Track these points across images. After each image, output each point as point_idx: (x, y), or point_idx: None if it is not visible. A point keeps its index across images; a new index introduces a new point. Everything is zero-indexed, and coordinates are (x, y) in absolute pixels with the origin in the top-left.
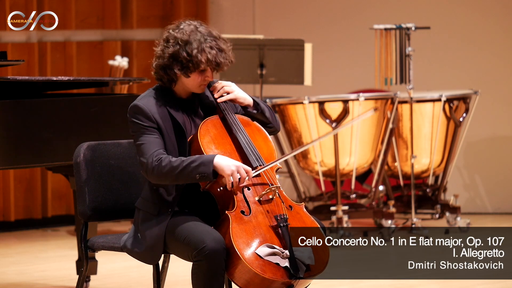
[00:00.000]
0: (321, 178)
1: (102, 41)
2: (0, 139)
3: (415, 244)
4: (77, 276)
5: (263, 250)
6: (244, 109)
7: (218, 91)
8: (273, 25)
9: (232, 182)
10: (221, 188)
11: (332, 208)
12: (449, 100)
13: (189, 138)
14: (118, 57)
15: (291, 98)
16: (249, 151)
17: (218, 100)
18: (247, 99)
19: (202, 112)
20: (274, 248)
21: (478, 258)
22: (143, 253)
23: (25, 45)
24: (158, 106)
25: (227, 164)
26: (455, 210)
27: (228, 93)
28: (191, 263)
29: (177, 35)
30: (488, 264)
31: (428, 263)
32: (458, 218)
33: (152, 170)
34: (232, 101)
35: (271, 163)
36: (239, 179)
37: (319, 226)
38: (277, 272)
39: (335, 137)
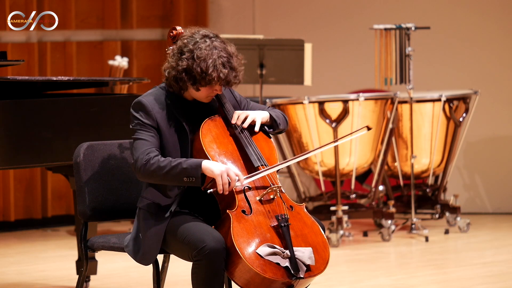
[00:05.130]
0: (321, 178)
1: (102, 41)
2: (0, 139)
3: (415, 244)
4: (77, 276)
5: (264, 250)
6: (261, 127)
7: (243, 122)
8: (273, 25)
9: (222, 185)
10: (211, 190)
11: (332, 208)
12: (449, 100)
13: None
14: (118, 57)
15: (291, 98)
16: (250, 150)
17: (256, 128)
18: (266, 116)
19: (205, 113)
20: (275, 248)
21: (478, 258)
22: (141, 254)
23: (25, 45)
24: (162, 105)
25: (216, 165)
26: (455, 210)
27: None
28: (191, 263)
29: (192, 49)
30: (488, 264)
31: (428, 263)
32: (458, 218)
33: (140, 167)
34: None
35: (274, 167)
36: (229, 182)
37: (319, 226)
38: (277, 272)
39: (335, 138)
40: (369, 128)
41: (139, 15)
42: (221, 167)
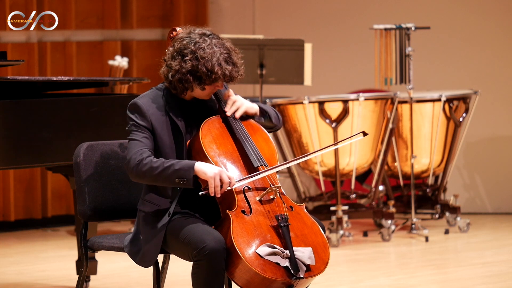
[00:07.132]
0: (321, 178)
1: (102, 41)
2: (0, 139)
3: (415, 244)
4: (77, 276)
5: (264, 250)
6: (251, 118)
7: (231, 107)
8: (273, 25)
9: (214, 187)
10: (203, 192)
11: (332, 208)
12: (449, 100)
13: (191, 138)
14: (118, 57)
15: (291, 98)
16: (250, 151)
17: (236, 116)
18: (254, 108)
19: (204, 113)
20: (275, 248)
21: (478, 258)
22: (141, 256)
23: (25, 45)
24: (158, 106)
25: (209, 168)
26: (455, 210)
27: (238, 108)
28: (191, 263)
29: (194, 49)
30: (488, 264)
31: (428, 263)
32: (458, 218)
33: (132, 167)
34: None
35: (274, 168)
36: (222, 184)
37: (319, 226)
38: (277, 272)
39: (335, 138)
40: (365, 134)
41: (139, 15)
42: (214, 169)
